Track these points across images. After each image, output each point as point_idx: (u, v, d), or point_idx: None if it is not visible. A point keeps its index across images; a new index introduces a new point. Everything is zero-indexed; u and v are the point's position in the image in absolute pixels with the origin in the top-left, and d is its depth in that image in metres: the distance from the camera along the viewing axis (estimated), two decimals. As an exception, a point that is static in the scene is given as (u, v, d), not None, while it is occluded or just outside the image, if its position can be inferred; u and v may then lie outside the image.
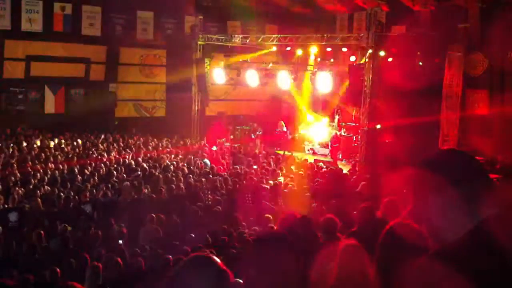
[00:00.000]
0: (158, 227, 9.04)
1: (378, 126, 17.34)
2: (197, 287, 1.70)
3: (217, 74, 21.15)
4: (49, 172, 12.91)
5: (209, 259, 1.79)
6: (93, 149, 16.36)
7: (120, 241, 7.52)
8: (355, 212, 8.44)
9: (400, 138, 16.49)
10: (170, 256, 6.65)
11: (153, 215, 9.34)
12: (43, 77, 20.55)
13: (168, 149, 16.94)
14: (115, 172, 13.37)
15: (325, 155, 19.85)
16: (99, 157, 15.16)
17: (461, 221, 1.63)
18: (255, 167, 15.31)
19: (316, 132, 21.41)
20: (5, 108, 19.85)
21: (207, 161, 15.88)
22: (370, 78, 16.35)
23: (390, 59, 17.09)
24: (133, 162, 14.86)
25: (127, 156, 15.68)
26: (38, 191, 11.00)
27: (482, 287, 1.50)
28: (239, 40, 20.75)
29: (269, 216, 9.22)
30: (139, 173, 13.56)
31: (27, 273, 6.50)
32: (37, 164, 13.58)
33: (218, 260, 1.78)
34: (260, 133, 21.44)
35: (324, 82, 18.40)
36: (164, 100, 23.38)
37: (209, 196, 11.83)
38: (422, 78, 15.53)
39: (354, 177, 14.14)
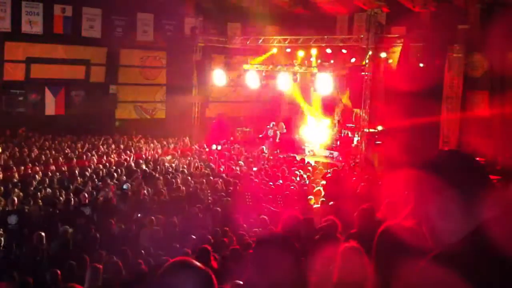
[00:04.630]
0: (159, 229, 9.04)
1: (379, 128, 17.34)
2: None
3: (218, 75, 21.15)
4: (50, 174, 12.90)
5: (188, 262, 1.82)
6: (93, 151, 16.35)
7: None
8: (355, 214, 8.44)
9: (401, 140, 16.48)
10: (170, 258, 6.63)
11: (153, 217, 9.34)
12: (43, 79, 20.57)
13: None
14: (115, 174, 13.37)
15: (325, 157, 19.85)
16: (99, 158, 15.16)
17: (461, 223, 1.62)
18: (255, 168, 15.30)
19: (317, 133, 21.40)
20: (5, 110, 19.85)
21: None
22: (370, 79, 16.36)
23: (390, 61, 17.10)
24: (133, 164, 14.86)
25: (127, 158, 15.68)
26: (38, 193, 11.00)
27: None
28: (239, 41, 20.77)
29: (265, 217, 9.22)
30: (138, 174, 13.56)
31: (27, 275, 6.50)
32: (37, 166, 13.57)
33: (197, 263, 1.80)
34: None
35: (325, 83, 18.40)
36: (164, 102, 23.40)
37: (210, 197, 11.83)
38: (422, 79, 15.52)
39: (354, 178, 14.14)
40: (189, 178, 13.32)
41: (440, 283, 1.56)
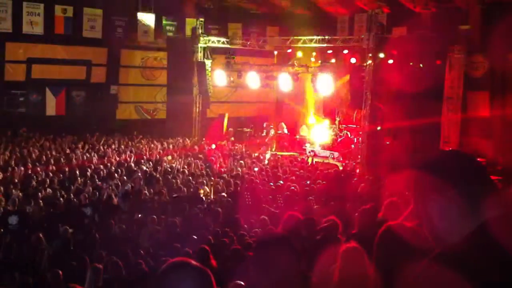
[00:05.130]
0: (160, 229, 9.04)
1: (379, 128, 17.32)
2: None
3: (218, 76, 21.15)
4: (50, 174, 12.90)
5: (186, 262, 1.83)
6: (93, 151, 16.35)
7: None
8: (356, 214, 8.43)
9: (401, 140, 16.48)
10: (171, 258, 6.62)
11: (154, 216, 9.34)
12: (44, 79, 20.61)
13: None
14: (115, 174, 13.37)
15: (326, 157, 19.83)
16: (100, 159, 15.16)
17: (462, 223, 1.62)
18: (256, 169, 15.29)
19: (317, 133, 21.39)
20: (6, 110, 19.87)
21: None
22: (371, 79, 16.35)
23: (391, 61, 17.09)
24: (133, 164, 14.85)
25: (128, 158, 15.68)
26: (39, 194, 10.99)
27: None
28: (240, 42, 20.77)
29: (266, 217, 9.20)
30: (139, 174, 13.56)
31: (28, 275, 6.50)
32: (37, 166, 13.57)
33: (195, 262, 1.81)
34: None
35: (325, 84, 18.39)
36: (165, 102, 23.41)
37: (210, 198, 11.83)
38: (423, 80, 15.52)
39: (355, 178, 14.13)
40: (190, 178, 13.31)
41: (442, 283, 1.55)
